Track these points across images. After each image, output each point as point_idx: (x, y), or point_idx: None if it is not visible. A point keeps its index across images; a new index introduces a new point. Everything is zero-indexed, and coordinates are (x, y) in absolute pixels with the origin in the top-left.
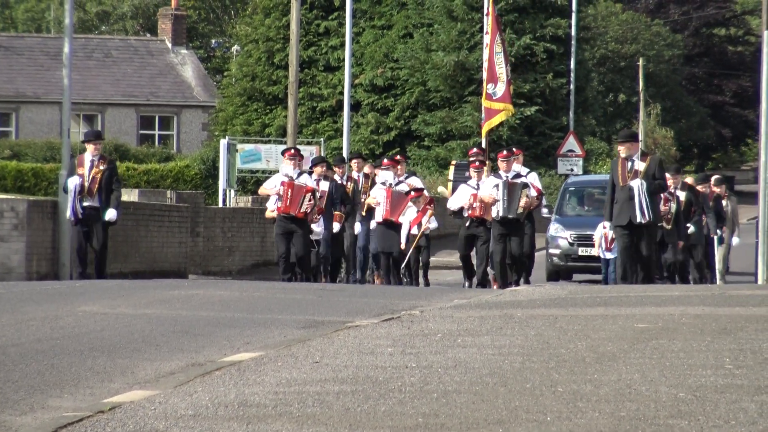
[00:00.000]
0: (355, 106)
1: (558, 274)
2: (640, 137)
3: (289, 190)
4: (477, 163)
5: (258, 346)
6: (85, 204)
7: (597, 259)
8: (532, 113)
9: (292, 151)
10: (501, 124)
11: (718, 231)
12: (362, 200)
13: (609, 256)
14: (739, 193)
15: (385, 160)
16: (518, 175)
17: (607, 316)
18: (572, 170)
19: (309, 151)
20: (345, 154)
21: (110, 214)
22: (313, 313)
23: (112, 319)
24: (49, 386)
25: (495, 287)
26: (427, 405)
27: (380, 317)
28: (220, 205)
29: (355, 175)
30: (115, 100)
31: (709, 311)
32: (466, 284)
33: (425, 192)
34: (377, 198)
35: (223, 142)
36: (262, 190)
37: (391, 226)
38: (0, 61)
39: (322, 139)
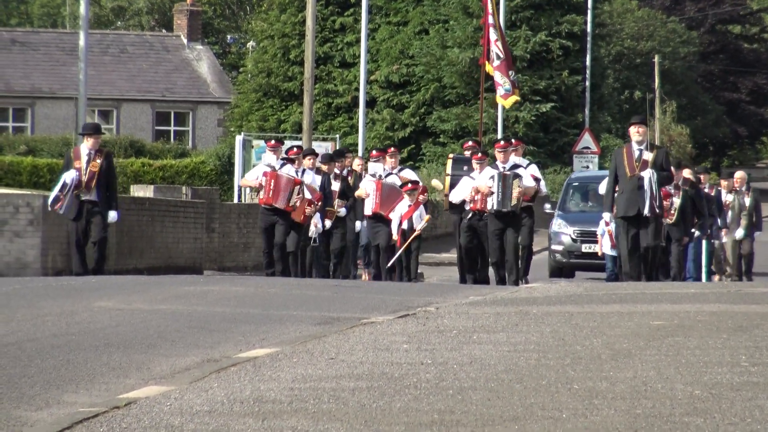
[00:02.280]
0: (371, 103)
1: (560, 271)
2: (656, 135)
3: (272, 180)
4: (479, 155)
5: (273, 342)
6: (84, 198)
7: (601, 256)
8: (547, 110)
9: (273, 141)
10: (516, 120)
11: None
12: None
13: (614, 252)
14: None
15: (374, 152)
16: (516, 166)
17: (622, 313)
18: (588, 167)
19: (324, 148)
20: (360, 151)
21: (111, 216)
22: (329, 309)
23: (128, 315)
24: (65, 381)
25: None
26: (443, 401)
27: (396, 314)
28: (236, 201)
29: (346, 171)
30: (131, 95)
31: (725, 308)
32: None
33: (419, 184)
34: (366, 189)
35: (239, 138)
36: (243, 181)
37: (380, 219)
38: (16, 56)
39: (337, 136)
